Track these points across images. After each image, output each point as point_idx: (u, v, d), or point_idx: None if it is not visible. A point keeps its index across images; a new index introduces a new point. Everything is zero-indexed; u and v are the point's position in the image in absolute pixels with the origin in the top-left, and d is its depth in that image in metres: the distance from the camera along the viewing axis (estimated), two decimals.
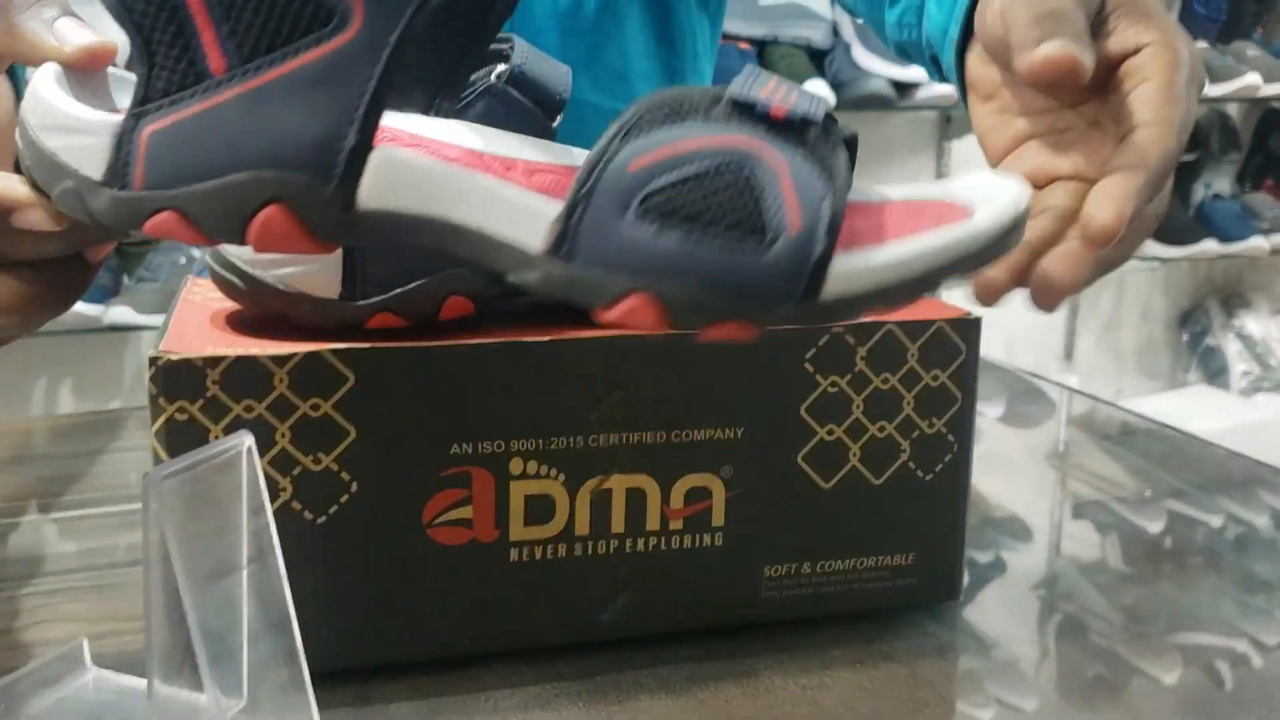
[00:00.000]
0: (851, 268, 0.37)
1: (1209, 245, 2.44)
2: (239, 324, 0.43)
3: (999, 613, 0.49)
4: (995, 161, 0.45)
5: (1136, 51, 0.43)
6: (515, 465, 0.42)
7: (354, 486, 0.41)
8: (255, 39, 0.35)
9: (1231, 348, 2.79)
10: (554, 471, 0.43)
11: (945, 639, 0.47)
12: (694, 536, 0.45)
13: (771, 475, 0.45)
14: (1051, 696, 0.43)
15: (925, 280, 0.37)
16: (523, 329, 0.43)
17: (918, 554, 0.47)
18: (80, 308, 1.47)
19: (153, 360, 0.39)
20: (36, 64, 0.38)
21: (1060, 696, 0.43)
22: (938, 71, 0.54)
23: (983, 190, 0.40)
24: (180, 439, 0.40)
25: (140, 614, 0.48)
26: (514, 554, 0.43)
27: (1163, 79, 0.43)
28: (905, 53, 0.59)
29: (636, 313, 0.37)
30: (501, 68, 0.43)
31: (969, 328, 0.46)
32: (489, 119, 0.43)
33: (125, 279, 1.66)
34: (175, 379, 0.39)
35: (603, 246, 0.37)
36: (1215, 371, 2.78)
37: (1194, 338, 2.83)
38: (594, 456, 0.43)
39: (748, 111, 0.38)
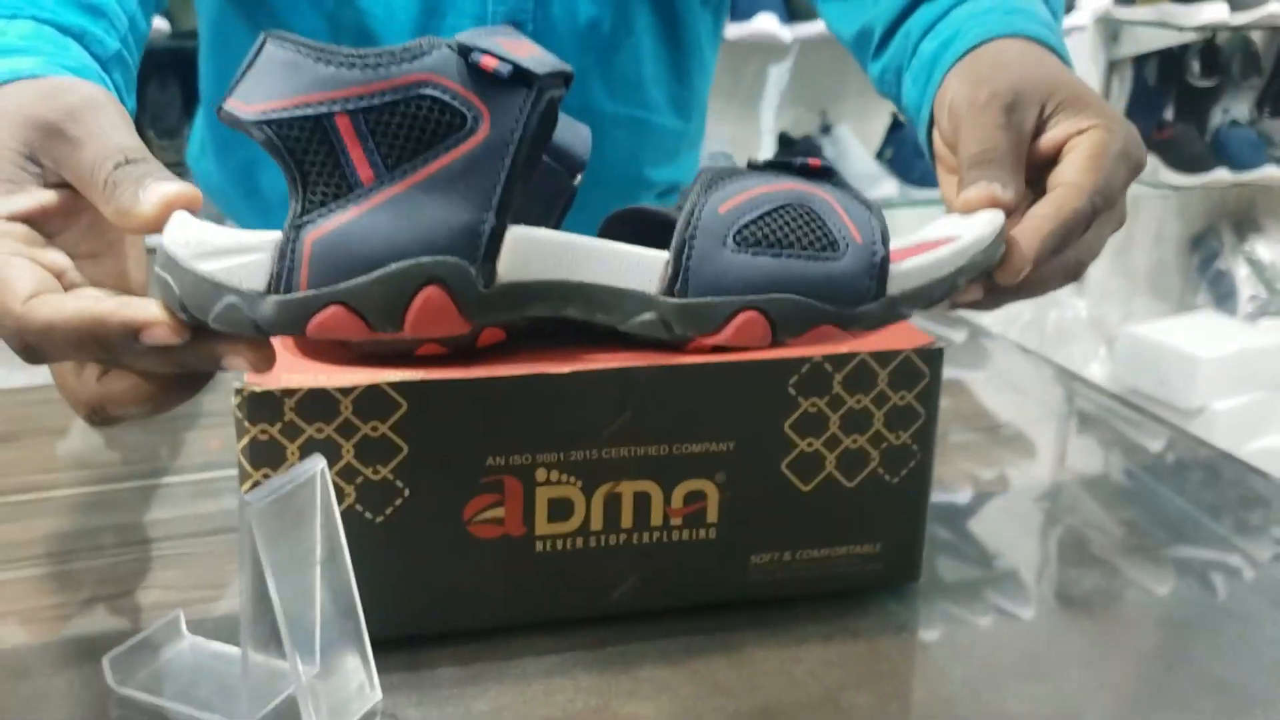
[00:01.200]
0: (902, 271, 0.47)
1: (1222, 174, 2.46)
2: (309, 350, 0.51)
3: (954, 594, 0.58)
4: None
5: (1079, 133, 0.50)
6: (540, 474, 0.50)
7: (406, 492, 0.49)
8: (400, 150, 0.41)
9: (1240, 272, 2.81)
10: (573, 479, 0.51)
11: (904, 617, 0.55)
12: (691, 531, 0.53)
13: (758, 480, 0.53)
14: (995, 671, 0.52)
15: (950, 280, 0.48)
16: (547, 357, 0.50)
17: (884, 544, 0.55)
18: None
19: (238, 390, 0.47)
20: (136, 231, 0.43)
21: (996, 671, 0.52)
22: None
23: (964, 222, 0.50)
24: (262, 455, 0.47)
25: (219, 582, 0.57)
26: (539, 546, 0.51)
27: (1089, 150, 0.50)
28: (887, 98, 0.65)
29: (746, 328, 0.46)
30: None
31: (932, 356, 0.53)
32: None
33: None
34: (258, 406, 0.47)
35: (711, 275, 0.46)
36: (1223, 295, 2.81)
37: (1204, 261, 2.85)
38: (607, 466, 0.51)
39: (788, 168, 0.49)
